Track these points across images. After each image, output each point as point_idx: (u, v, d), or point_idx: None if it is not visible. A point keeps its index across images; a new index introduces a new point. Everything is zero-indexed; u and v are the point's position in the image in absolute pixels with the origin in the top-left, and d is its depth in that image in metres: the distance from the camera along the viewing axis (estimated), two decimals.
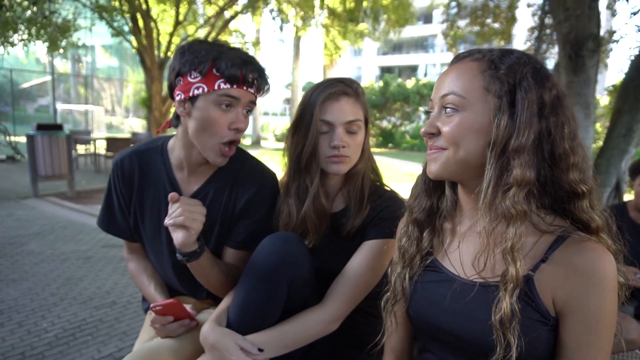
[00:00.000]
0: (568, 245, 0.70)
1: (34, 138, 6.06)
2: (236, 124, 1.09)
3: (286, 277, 0.99)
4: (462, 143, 0.74)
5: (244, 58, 1.08)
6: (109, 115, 23.85)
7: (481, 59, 0.76)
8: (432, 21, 30.70)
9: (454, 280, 0.79)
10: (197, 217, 1.03)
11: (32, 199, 6.14)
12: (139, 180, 1.23)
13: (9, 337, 2.40)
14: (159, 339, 1.14)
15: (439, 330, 0.80)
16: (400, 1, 11.31)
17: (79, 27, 9.87)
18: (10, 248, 3.95)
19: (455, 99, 0.74)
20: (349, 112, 1.12)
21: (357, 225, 1.14)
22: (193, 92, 1.06)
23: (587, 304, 0.67)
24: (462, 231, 0.83)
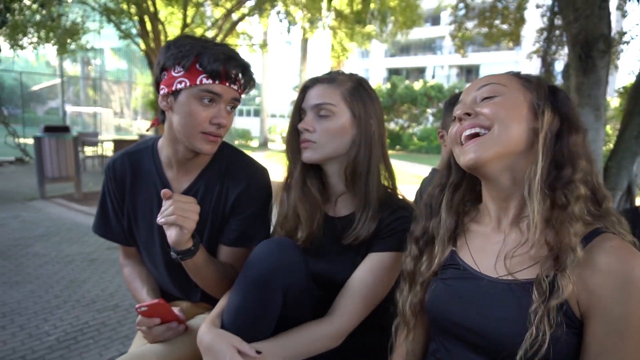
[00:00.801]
0: (597, 243, 0.69)
1: (41, 140, 6.09)
2: (217, 119, 1.08)
3: (281, 285, 0.95)
4: (505, 121, 0.75)
5: (227, 54, 1.06)
6: (118, 118, 24.04)
7: (517, 74, 0.83)
8: (440, 23, 30.60)
9: (476, 277, 0.78)
10: (189, 215, 0.98)
11: (38, 200, 6.17)
12: (130, 182, 1.23)
13: (10, 341, 2.38)
14: (149, 344, 1.10)
15: (459, 327, 0.77)
16: (407, 3, 11.27)
17: (88, 30, 9.96)
18: (15, 250, 3.96)
19: (496, 87, 0.78)
20: (318, 96, 1.09)
21: (363, 238, 1.08)
22: (176, 86, 1.06)
23: (613, 307, 0.64)
24: (486, 231, 0.83)
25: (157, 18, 9.11)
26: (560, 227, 0.69)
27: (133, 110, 26.25)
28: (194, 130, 1.08)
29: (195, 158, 1.16)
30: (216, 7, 10.87)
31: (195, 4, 9.83)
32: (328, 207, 1.17)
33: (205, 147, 1.10)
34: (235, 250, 1.19)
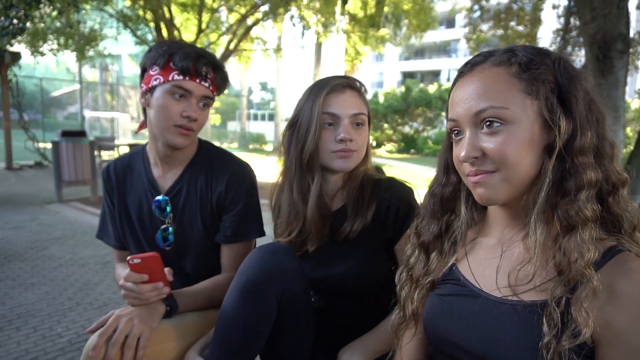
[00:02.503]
0: (614, 263, 0.63)
1: (58, 144, 6.20)
2: (188, 113, 1.13)
3: (275, 291, 0.93)
4: (514, 162, 0.65)
5: (198, 52, 1.13)
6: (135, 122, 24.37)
7: (506, 62, 0.68)
8: (454, 25, 30.39)
9: (475, 295, 0.72)
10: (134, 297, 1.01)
11: (56, 204, 6.27)
12: (122, 185, 1.28)
13: (23, 342, 2.41)
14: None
15: (457, 349, 0.72)
16: (421, 6, 11.23)
17: (105, 36, 10.13)
18: (32, 252, 4.02)
19: (497, 112, 0.65)
20: (355, 105, 1.07)
21: (358, 228, 1.07)
22: (152, 83, 1.14)
23: (629, 336, 0.59)
24: (490, 244, 0.77)
25: (172, 24, 9.24)
26: (570, 252, 0.62)
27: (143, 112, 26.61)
28: (167, 123, 1.13)
29: (175, 154, 1.21)
30: (231, 13, 10.96)
31: (210, 10, 9.93)
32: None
33: (178, 139, 1.15)
34: (234, 246, 1.23)
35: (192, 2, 9.89)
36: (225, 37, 10.74)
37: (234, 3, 9.87)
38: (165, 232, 1.24)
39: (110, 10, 9.42)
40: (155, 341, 1.00)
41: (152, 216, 1.24)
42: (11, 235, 4.50)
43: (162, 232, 1.24)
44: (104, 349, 0.93)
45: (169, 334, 1.04)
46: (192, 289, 1.15)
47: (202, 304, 1.15)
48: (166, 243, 1.25)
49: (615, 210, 0.67)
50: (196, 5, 9.66)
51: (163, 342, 1.02)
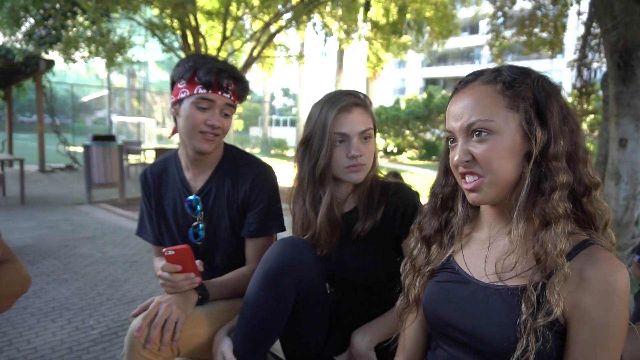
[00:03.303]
0: (585, 255, 0.72)
1: (89, 148, 6.46)
2: (211, 121, 1.25)
3: (293, 280, 1.04)
4: (498, 167, 0.76)
5: (220, 67, 1.24)
6: (160, 127, 24.92)
7: (492, 81, 0.78)
8: (478, 32, 30.14)
9: (467, 282, 0.83)
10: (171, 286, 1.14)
11: (86, 205, 6.52)
12: (159, 187, 1.41)
13: (58, 333, 2.57)
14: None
15: (451, 328, 0.82)
16: (443, 13, 11.22)
17: (134, 44, 10.46)
18: (65, 250, 4.22)
19: (484, 124, 0.76)
20: (362, 122, 1.17)
21: (369, 228, 1.18)
22: (180, 95, 1.27)
23: (595, 315, 0.69)
24: (482, 237, 0.86)
25: (198, 32, 9.48)
26: (546, 244, 0.72)
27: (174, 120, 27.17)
28: (194, 130, 1.26)
29: (203, 158, 1.33)
30: (254, 20, 11.17)
31: (235, 18, 10.15)
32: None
33: (204, 145, 1.27)
34: (258, 241, 1.34)
35: (217, 11, 10.14)
36: (249, 44, 10.94)
37: (258, 11, 10.07)
38: (196, 228, 1.35)
39: (139, 18, 9.73)
40: (189, 325, 1.11)
41: (185, 214, 1.36)
42: (45, 234, 4.73)
43: (194, 228, 1.35)
44: (147, 330, 1.05)
45: (201, 320, 1.15)
46: (221, 280, 1.27)
47: (229, 292, 1.26)
48: (197, 239, 1.36)
49: (589, 209, 0.77)
50: (221, 13, 9.90)
51: (196, 327, 1.13)
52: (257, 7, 9.79)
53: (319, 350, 1.18)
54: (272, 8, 9.90)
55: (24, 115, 30.95)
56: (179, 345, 1.08)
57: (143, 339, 1.04)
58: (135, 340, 1.04)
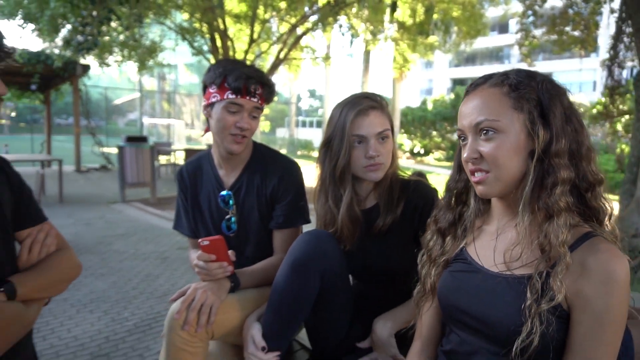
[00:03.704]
0: (587, 245, 0.77)
1: (123, 149, 6.71)
2: (240, 124, 1.35)
3: (318, 268, 1.12)
4: (503, 163, 0.82)
5: (247, 73, 1.32)
6: (189, 129, 25.45)
7: (500, 83, 0.84)
8: (508, 31, 29.55)
9: (478, 271, 0.88)
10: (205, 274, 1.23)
11: (120, 203, 6.78)
12: (194, 184, 1.51)
13: (96, 323, 2.71)
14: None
15: (463, 314, 0.88)
16: (471, 12, 11.08)
17: (164, 47, 10.76)
18: (100, 246, 4.42)
19: (490, 124, 0.82)
20: (379, 124, 1.22)
21: (389, 223, 1.24)
22: (211, 99, 1.36)
23: (595, 302, 0.73)
24: (492, 230, 0.92)
25: (226, 35, 9.67)
26: (549, 235, 0.77)
27: (203, 122, 27.72)
28: (224, 132, 1.35)
29: (234, 157, 1.42)
30: (281, 23, 11.31)
31: (262, 21, 10.31)
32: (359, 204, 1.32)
33: (234, 146, 1.37)
34: (285, 232, 1.43)
35: (245, 14, 10.33)
36: (276, 46, 11.09)
37: (285, 13, 10.20)
38: (229, 221, 1.44)
39: (170, 23, 10.01)
40: (222, 310, 1.19)
41: (218, 208, 1.45)
42: (82, 231, 4.95)
43: (226, 221, 1.44)
44: (185, 313, 1.13)
45: (233, 306, 1.24)
46: (251, 269, 1.36)
47: (258, 281, 1.34)
48: (230, 231, 1.46)
49: (593, 204, 0.81)
50: (249, 16, 10.07)
51: (228, 312, 1.22)
52: (283, 9, 9.92)
53: (342, 337, 1.25)
54: (299, 10, 10.01)
55: (60, 118, 32.17)
56: (213, 329, 1.17)
57: (182, 321, 1.12)
58: (175, 322, 1.13)
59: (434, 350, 1.01)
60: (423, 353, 1.01)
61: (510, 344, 0.76)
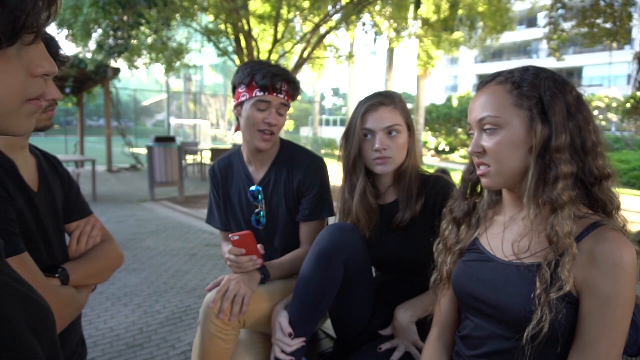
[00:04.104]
0: (594, 235, 0.80)
1: (152, 149, 6.91)
2: (268, 120, 1.42)
3: (341, 258, 1.18)
4: (504, 158, 0.87)
5: (274, 72, 1.39)
6: (214, 128, 25.82)
7: (504, 81, 0.89)
8: (536, 24, 28.84)
9: (491, 260, 0.92)
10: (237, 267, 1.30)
11: (149, 202, 6.98)
12: (225, 179, 1.59)
13: (130, 315, 2.84)
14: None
15: (477, 301, 0.92)
16: (497, 7, 10.88)
17: (190, 49, 10.98)
18: (132, 243, 4.58)
19: (492, 120, 0.87)
20: (387, 119, 1.27)
21: (408, 218, 1.28)
22: (241, 99, 1.44)
23: (602, 287, 0.77)
24: (502, 220, 0.96)
25: (250, 35, 9.79)
26: (555, 227, 0.81)
27: (228, 122, 28.12)
28: (253, 128, 1.43)
29: (262, 154, 1.49)
30: (305, 22, 11.37)
31: (285, 21, 10.40)
32: (379, 198, 1.38)
33: (262, 144, 1.44)
34: (311, 224, 1.49)
35: (269, 14, 10.44)
36: (299, 45, 11.15)
37: (308, 13, 10.26)
38: (258, 215, 1.51)
39: (196, 25, 10.21)
40: (253, 301, 1.27)
41: (248, 203, 1.53)
42: (114, 228, 5.14)
43: (256, 215, 1.52)
44: (220, 302, 1.21)
45: (263, 296, 1.31)
46: (279, 261, 1.42)
47: (286, 272, 1.41)
48: (259, 224, 1.53)
49: (600, 196, 0.85)
50: (272, 16, 10.17)
51: (259, 302, 1.29)
52: (307, 9, 9.98)
53: (365, 325, 1.30)
54: (322, 9, 10.05)
55: (91, 120, 33.19)
56: (244, 318, 1.23)
57: (216, 310, 1.20)
58: (210, 310, 1.20)
59: (450, 336, 1.05)
60: (440, 339, 1.05)
61: (522, 330, 0.80)
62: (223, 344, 1.20)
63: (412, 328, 1.22)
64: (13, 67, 0.43)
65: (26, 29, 0.41)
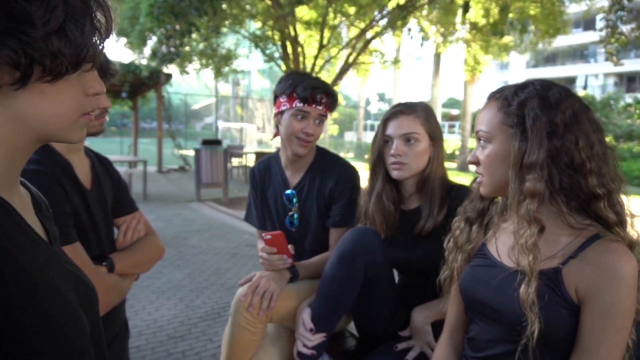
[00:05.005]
0: (596, 245, 0.82)
1: (199, 151, 7.20)
2: (306, 130, 1.50)
3: (362, 261, 1.23)
4: (493, 170, 0.93)
5: (314, 84, 1.45)
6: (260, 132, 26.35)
7: (499, 98, 0.94)
8: (595, 27, 27.46)
9: (496, 266, 0.95)
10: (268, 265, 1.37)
11: (195, 202, 7.27)
12: (263, 181, 1.67)
13: (173, 308, 3.00)
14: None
15: (482, 305, 0.95)
16: (550, 10, 10.48)
17: (239, 55, 11.33)
18: (177, 241, 4.80)
19: (483, 134, 0.94)
20: (405, 127, 1.33)
21: (430, 228, 1.31)
22: (281, 108, 1.52)
23: (603, 296, 0.79)
24: (507, 227, 0.99)
25: (297, 41, 9.98)
26: (552, 237, 0.86)
27: (273, 126, 28.57)
28: (292, 136, 1.51)
29: (299, 159, 1.55)
30: (351, 28, 11.43)
31: (331, 27, 10.51)
32: (402, 203, 1.42)
33: (299, 150, 1.51)
34: (340, 230, 1.54)
35: (315, 20, 10.59)
36: (345, 51, 11.23)
37: (354, 18, 10.32)
38: (291, 217, 1.59)
39: (244, 32, 10.53)
40: (281, 298, 1.34)
41: (283, 205, 1.61)
42: (162, 226, 5.40)
43: (290, 217, 1.59)
44: (251, 297, 1.30)
45: (291, 294, 1.38)
46: (308, 262, 1.49)
47: (314, 273, 1.46)
48: (293, 226, 1.61)
49: (597, 212, 0.85)
50: (319, 23, 10.31)
51: (286, 300, 1.36)
52: (353, 15, 10.05)
53: (385, 325, 1.34)
54: (368, 15, 10.08)
55: (145, 122, 34.82)
56: (272, 313, 1.31)
57: (247, 303, 1.29)
58: (241, 303, 1.30)
59: (460, 338, 1.08)
60: (450, 341, 1.08)
61: (523, 334, 0.82)
62: (251, 336, 1.28)
63: (428, 329, 1.26)
64: (74, 89, 0.53)
65: (87, 60, 0.50)
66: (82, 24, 0.48)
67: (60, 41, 0.47)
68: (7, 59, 0.44)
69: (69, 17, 0.47)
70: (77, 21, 0.48)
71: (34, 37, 0.45)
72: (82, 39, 0.48)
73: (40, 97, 0.49)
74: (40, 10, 0.45)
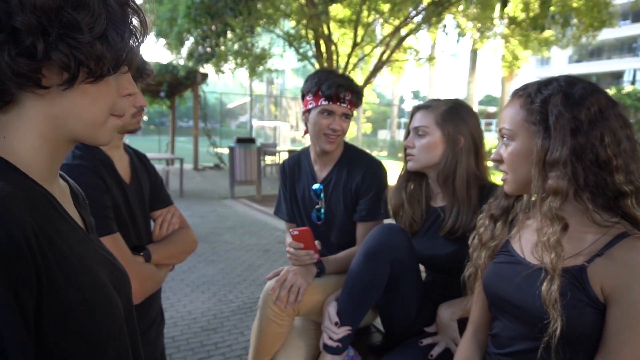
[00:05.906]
0: (624, 244, 0.80)
1: (234, 149, 7.34)
2: (332, 126, 1.54)
3: (388, 258, 1.24)
4: (516, 168, 0.93)
5: (338, 82, 1.47)
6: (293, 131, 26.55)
7: (522, 95, 0.93)
8: None
9: (520, 263, 0.94)
10: (295, 261, 1.41)
11: (229, 199, 7.42)
12: (292, 175, 1.71)
13: (206, 302, 3.08)
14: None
15: (505, 302, 0.94)
16: (594, 2, 10.04)
17: (273, 54, 11.46)
18: (212, 237, 4.93)
19: (506, 132, 0.94)
20: (417, 120, 1.37)
21: (455, 227, 1.31)
22: (308, 106, 1.56)
23: (629, 295, 0.77)
24: (531, 225, 0.97)
25: (330, 40, 9.99)
26: (578, 234, 0.84)
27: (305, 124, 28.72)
28: (319, 133, 1.55)
29: (327, 155, 1.58)
30: (385, 25, 11.34)
31: (365, 25, 10.46)
32: (432, 200, 1.43)
33: (327, 146, 1.53)
34: (367, 224, 1.56)
35: (349, 19, 10.57)
36: (379, 48, 11.15)
37: (388, 16, 10.23)
38: (318, 211, 1.62)
39: (278, 31, 10.63)
40: (308, 292, 1.37)
41: (310, 199, 1.64)
42: (197, 222, 5.55)
43: (316, 211, 1.62)
44: (278, 290, 1.33)
45: (317, 289, 1.40)
46: (334, 257, 1.51)
47: (340, 268, 1.48)
48: (319, 220, 1.63)
49: (625, 210, 0.83)
50: (352, 21, 10.28)
51: (313, 294, 1.39)
52: (387, 12, 9.97)
53: (411, 321, 1.34)
54: (403, 12, 9.97)
55: (182, 121, 35.78)
56: (299, 307, 1.33)
57: (274, 297, 1.32)
58: (269, 297, 1.33)
59: (484, 335, 1.07)
60: (474, 337, 1.08)
61: (545, 331, 0.81)
62: (278, 328, 1.31)
63: (453, 325, 1.25)
64: (111, 89, 0.57)
65: (124, 63, 0.54)
66: (121, 30, 0.53)
67: (103, 46, 0.51)
68: (58, 61, 0.49)
69: (110, 24, 0.52)
70: (117, 27, 0.52)
71: (82, 42, 0.49)
72: (122, 44, 0.53)
73: (82, 97, 0.54)
74: (86, 18, 0.49)
